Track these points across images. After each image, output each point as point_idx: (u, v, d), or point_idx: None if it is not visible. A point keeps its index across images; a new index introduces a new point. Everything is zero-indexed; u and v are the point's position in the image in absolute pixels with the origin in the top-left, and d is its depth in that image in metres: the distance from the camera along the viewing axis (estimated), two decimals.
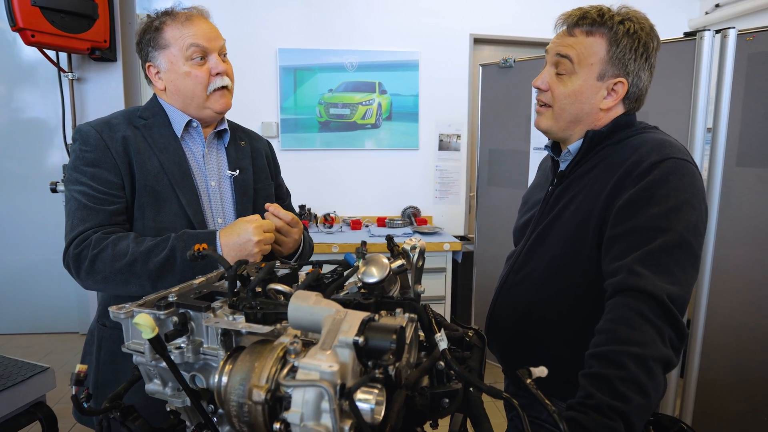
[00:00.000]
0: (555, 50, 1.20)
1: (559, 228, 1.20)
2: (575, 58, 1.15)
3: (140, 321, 0.63)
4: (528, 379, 0.64)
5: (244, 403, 0.58)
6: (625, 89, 1.16)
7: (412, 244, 0.87)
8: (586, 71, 1.15)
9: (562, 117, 1.20)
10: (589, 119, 1.19)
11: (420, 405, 0.68)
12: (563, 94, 1.18)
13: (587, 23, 1.15)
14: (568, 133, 1.23)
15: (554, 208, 1.24)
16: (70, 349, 3.90)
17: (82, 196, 1.24)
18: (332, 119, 4.12)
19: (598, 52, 1.14)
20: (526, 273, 1.28)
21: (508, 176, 3.10)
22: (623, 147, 1.14)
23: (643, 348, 0.88)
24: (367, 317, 0.58)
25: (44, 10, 2.14)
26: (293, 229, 1.33)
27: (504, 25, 4.25)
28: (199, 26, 1.33)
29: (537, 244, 1.27)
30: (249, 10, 3.93)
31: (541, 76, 1.23)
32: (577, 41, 1.16)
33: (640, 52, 1.14)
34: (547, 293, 1.22)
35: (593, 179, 1.16)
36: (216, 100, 1.36)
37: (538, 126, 1.27)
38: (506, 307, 1.34)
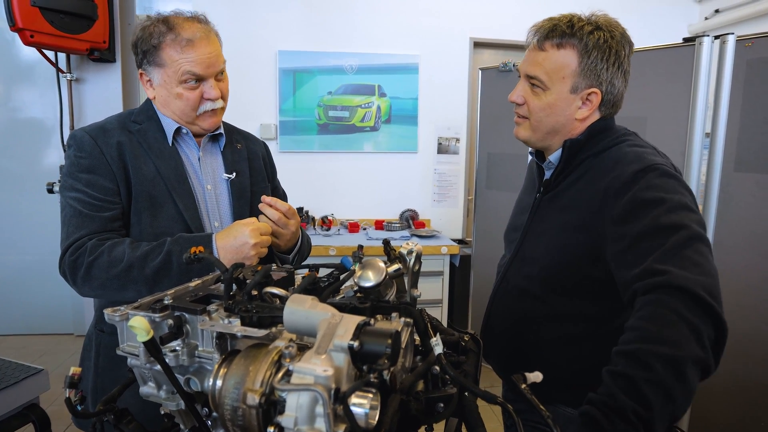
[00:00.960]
0: (524, 71, 1.21)
1: (547, 238, 1.21)
2: (544, 76, 1.16)
3: (135, 324, 0.63)
4: (523, 384, 0.64)
5: (238, 407, 0.58)
6: (599, 98, 1.16)
7: (409, 248, 0.87)
8: (558, 85, 1.16)
9: (539, 128, 1.21)
10: (566, 129, 1.20)
11: (415, 410, 0.67)
12: (538, 108, 1.19)
13: (557, 35, 1.14)
14: (546, 143, 1.24)
15: (543, 218, 1.25)
16: (65, 351, 3.88)
17: (78, 203, 1.23)
18: (331, 122, 4.12)
19: (570, 65, 1.14)
20: (517, 282, 1.29)
21: (507, 180, 3.10)
22: (605, 158, 1.15)
23: (675, 348, 0.81)
24: (362, 321, 0.58)
25: (44, 11, 2.14)
26: (290, 220, 1.32)
27: (504, 28, 4.26)
28: (199, 52, 1.27)
29: (527, 253, 1.27)
30: (249, 11, 3.94)
31: (516, 91, 1.23)
32: (547, 56, 1.16)
33: (611, 60, 1.14)
34: (538, 301, 1.22)
35: (579, 191, 1.16)
36: (204, 120, 1.35)
37: (517, 136, 1.28)
38: (500, 314, 1.34)
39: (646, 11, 4.31)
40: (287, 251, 1.40)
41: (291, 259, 1.43)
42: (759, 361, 2.07)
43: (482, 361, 0.84)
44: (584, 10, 1.21)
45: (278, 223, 1.30)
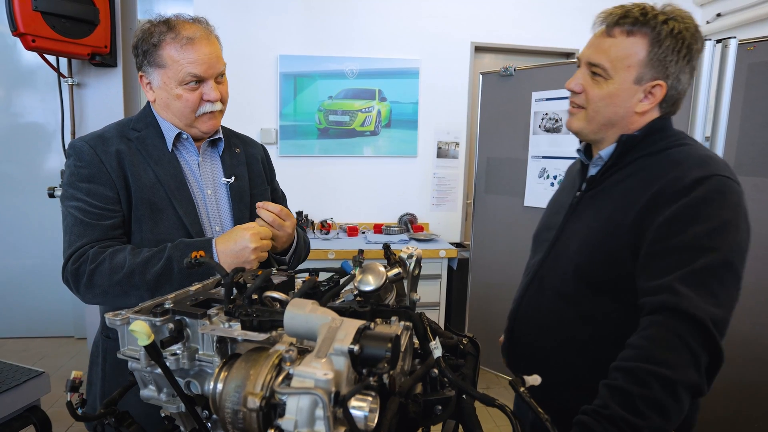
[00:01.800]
0: (586, 58, 1.15)
1: (585, 236, 1.16)
2: (608, 64, 1.11)
3: (136, 328, 0.63)
4: (522, 387, 0.64)
5: (238, 410, 0.59)
6: (663, 92, 1.10)
7: (409, 253, 0.88)
8: (622, 74, 1.10)
9: (596, 119, 1.16)
10: (624, 122, 1.15)
11: (413, 412, 0.68)
12: (598, 97, 1.14)
13: (628, 22, 1.09)
14: (600, 136, 1.19)
15: (582, 215, 1.20)
16: (65, 353, 3.88)
17: (79, 212, 1.24)
18: (331, 126, 4.13)
19: (637, 54, 1.08)
20: (551, 282, 1.23)
21: (506, 184, 3.11)
22: (662, 159, 1.10)
23: (674, 371, 0.85)
24: (362, 325, 0.58)
25: (45, 15, 2.14)
26: (285, 222, 1.32)
27: (505, 33, 4.26)
28: (199, 51, 1.27)
29: (561, 251, 1.22)
30: (250, 16, 3.95)
31: (575, 78, 1.18)
32: (614, 43, 1.10)
33: (683, 53, 1.08)
34: (573, 304, 1.17)
35: (627, 190, 1.11)
36: (204, 122, 1.35)
37: (569, 127, 1.23)
38: (530, 316, 1.28)
39: None
40: (283, 252, 1.41)
41: (287, 260, 1.43)
42: (753, 362, 2.08)
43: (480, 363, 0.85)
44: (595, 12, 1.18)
45: (273, 224, 1.30)
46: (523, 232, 3.01)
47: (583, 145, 1.29)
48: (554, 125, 2.83)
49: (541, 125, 2.90)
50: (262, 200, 1.44)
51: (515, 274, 3.05)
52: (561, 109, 2.80)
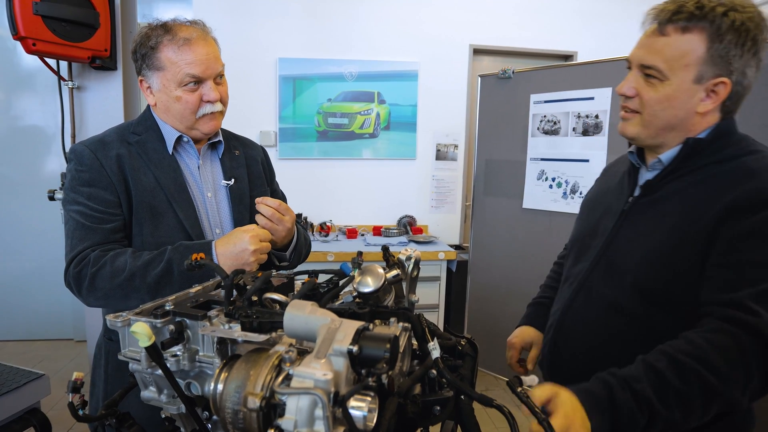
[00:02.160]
0: (638, 60, 1.07)
1: (647, 246, 1.08)
2: (663, 65, 1.02)
3: (137, 329, 0.64)
4: (519, 387, 0.65)
5: (239, 410, 0.59)
6: (727, 90, 1.02)
7: (408, 255, 0.88)
8: (679, 74, 1.02)
9: (653, 124, 1.08)
10: (684, 124, 1.06)
11: (411, 412, 0.69)
12: (654, 100, 1.05)
13: (683, 18, 1.00)
14: (659, 141, 1.10)
15: (637, 222, 1.12)
16: (65, 356, 3.88)
17: (80, 216, 1.25)
18: (330, 129, 4.14)
19: (695, 51, 1.00)
20: (602, 292, 1.15)
21: (505, 187, 3.12)
22: (735, 168, 1.01)
23: (723, 384, 0.83)
24: (361, 326, 0.59)
25: (46, 19, 2.15)
26: (284, 216, 1.33)
27: (503, 35, 4.28)
28: (197, 52, 1.28)
29: (615, 260, 1.14)
30: (249, 19, 3.96)
31: (627, 82, 1.10)
32: (668, 42, 1.02)
33: (747, 46, 0.99)
34: (632, 317, 1.09)
35: (695, 198, 1.03)
36: (205, 123, 1.35)
37: (623, 133, 1.14)
38: (577, 329, 1.20)
39: (639, 20, 4.33)
40: (283, 248, 1.41)
41: (288, 256, 1.44)
42: None
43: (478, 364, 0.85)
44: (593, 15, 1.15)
45: (272, 219, 1.31)
46: (523, 234, 3.03)
47: (636, 147, 1.20)
48: (552, 127, 2.85)
49: (540, 127, 2.91)
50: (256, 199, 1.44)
51: (514, 276, 3.09)
52: (559, 111, 2.81)
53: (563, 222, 2.82)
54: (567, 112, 2.78)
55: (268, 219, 1.31)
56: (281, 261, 1.45)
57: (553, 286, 1.46)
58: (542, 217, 2.93)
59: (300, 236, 1.48)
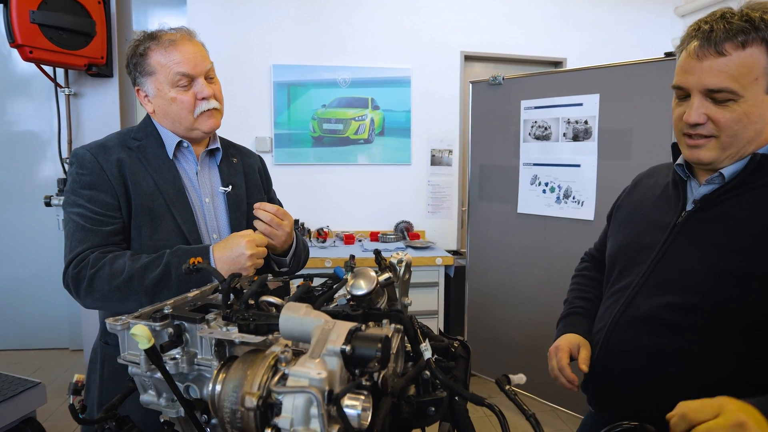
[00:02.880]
0: (702, 85, 1.02)
1: (702, 262, 1.05)
2: (735, 84, 0.99)
3: (137, 332, 0.65)
4: (507, 386, 0.67)
5: (237, 410, 0.61)
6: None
7: (399, 258, 0.90)
8: (753, 89, 0.99)
9: (734, 144, 1.03)
10: (761, 138, 1.04)
11: (406, 413, 0.70)
12: (732, 121, 1.02)
13: (738, 33, 0.98)
14: (737, 157, 1.06)
15: (691, 238, 1.09)
16: (60, 365, 3.86)
17: (80, 218, 1.27)
18: (325, 134, 4.17)
19: (760, 62, 0.98)
20: (652, 311, 1.10)
21: (499, 192, 3.15)
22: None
23: None
24: (354, 327, 0.61)
25: (43, 27, 2.17)
26: (283, 221, 1.35)
27: (494, 42, 4.33)
28: (183, 51, 1.33)
29: (667, 277, 1.10)
30: (244, 26, 3.99)
31: (693, 110, 1.04)
32: (731, 60, 0.99)
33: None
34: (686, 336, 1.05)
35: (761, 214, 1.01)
36: (204, 121, 1.38)
37: (697, 160, 1.09)
38: (625, 349, 1.14)
39: (630, 26, 4.40)
40: (283, 254, 1.43)
41: (288, 261, 1.45)
42: None
43: (471, 366, 0.87)
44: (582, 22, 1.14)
45: (271, 224, 1.32)
46: (518, 239, 3.05)
47: (683, 158, 1.15)
48: (543, 133, 2.88)
49: (531, 133, 2.94)
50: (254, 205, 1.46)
51: (511, 281, 3.11)
52: (549, 117, 2.85)
53: (557, 226, 2.85)
54: (557, 118, 2.81)
55: (267, 224, 1.32)
56: (281, 267, 1.46)
57: (585, 296, 1.41)
58: (537, 221, 2.95)
59: (299, 242, 1.50)
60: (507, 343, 3.12)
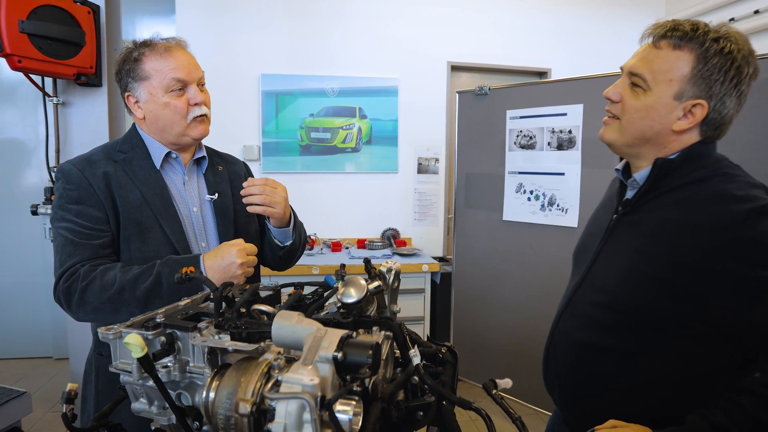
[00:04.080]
0: (628, 67, 1.11)
1: (623, 266, 1.11)
2: (649, 75, 1.06)
3: (130, 340, 0.66)
4: (494, 390, 0.69)
5: (230, 416, 0.62)
6: (703, 113, 1.04)
7: (388, 266, 0.92)
8: (661, 87, 1.05)
9: (629, 132, 1.10)
10: (659, 140, 1.09)
11: (395, 417, 0.72)
12: (634, 108, 1.08)
13: (677, 35, 1.04)
14: (634, 150, 1.13)
15: (619, 241, 1.15)
16: (44, 374, 3.81)
17: (69, 233, 1.27)
18: (313, 143, 4.18)
19: (681, 68, 1.03)
20: (584, 309, 1.18)
21: (485, 199, 3.18)
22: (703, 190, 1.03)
23: None
24: (345, 334, 0.62)
25: (32, 37, 2.17)
26: (276, 188, 1.39)
27: (480, 52, 4.39)
28: (178, 58, 1.36)
29: (597, 278, 1.17)
30: (232, 35, 4.00)
31: (614, 87, 1.13)
32: (659, 54, 1.05)
33: (730, 75, 1.01)
34: (607, 333, 1.12)
35: (669, 221, 1.05)
36: (194, 128, 1.40)
37: (602, 138, 1.17)
38: (563, 341, 1.23)
39: (613, 37, 4.48)
40: (286, 224, 1.47)
41: (290, 232, 1.49)
42: None
43: (458, 371, 0.89)
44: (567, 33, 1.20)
45: (265, 191, 1.36)
46: (503, 246, 3.09)
47: (623, 163, 1.22)
48: (528, 142, 2.93)
49: (516, 142, 2.99)
50: (246, 215, 1.48)
51: (497, 287, 3.14)
52: (534, 126, 2.90)
53: (542, 233, 2.89)
54: (542, 128, 2.86)
55: (261, 195, 1.35)
56: (285, 242, 1.50)
57: None
58: (522, 228, 2.99)
59: (296, 219, 1.54)
60: (492, 348, 3.14)
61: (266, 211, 1.38)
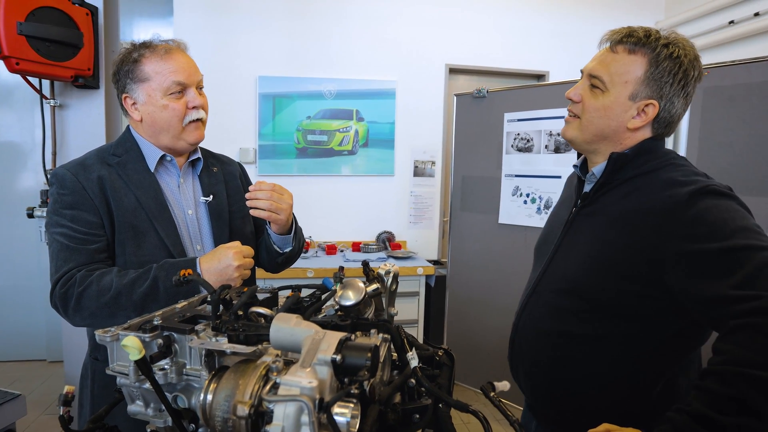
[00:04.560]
0: (588, 70, 1.21)
1: (582, 253, 1.19)
2: (607, 77, 1.16)
3: (128, 343, 0.66)
4: (492, 393, 0.69)
5: (228, 418, 0.62)
6: (655, 112, 1.15)
7: (387, 269, 0.92)
8: (618, 89, 1.15)
9: (588, 129, 1.20)
10: (615, 137, 1.19)
11: (392, 420, 0.72)
12: (593, 107, 1.18)
13: (632, 41, 1.14)
14: (592, 147, 1.23)
15: (577, 232, 1.23)
16: (38, 377, 3.78)
17: (64, 238, 1.27)
18: (310, 146, 4.18)
19: (635, 71, 1.14)
20: (547, 297, 1.26)
21: (481, 202, 3.19)
22: (653, 180, 1.12)
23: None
24: (344, 337, 0.63)
25: (30, 39, 2.16)
26: (283, 195, 1.39)
27: (479, 55, 4.39)
28: (178, 61, 1.35)
29: (558, 267, 1.25)
30: (230, 37, 4.00)
31: (575, 88, 1.23)
32: (616, 58, 1.16)
33: (678, 77, 1.13)
34: (569, 318, 1.19)
35: (624, 209, 1.13)
36: (191, 132, 1.39)
37: (563, 135, 1.27)
38: (528, 329, 1.30)
39: None
40: (288, 231, 1.47)
41: (291, 239, 1.49)
42: None
43: (455, 375, 0.89)
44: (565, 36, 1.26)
45: (273, 197, 1.36)
46: (499, 248, 3.10)
47: (581, 160, 1.32)
48: (526, 145, 2.94)
49: (514, 145, 3.00)
50: (241, 216, 1.47)
51: (492, 290, 3.14)
52: (532, 129, 2.91)
53: (537, 237, 2.89)
54: (539, 131, 2.87)
55: (268, 201, 1.35)
56: (284, 248, 1.50)
57: None
58: (518, 232, 3.00)
59: (296, 222, 1.54)
60: (487, 351, 3.14)
61: (271, 217, 1.38)
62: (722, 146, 2.18)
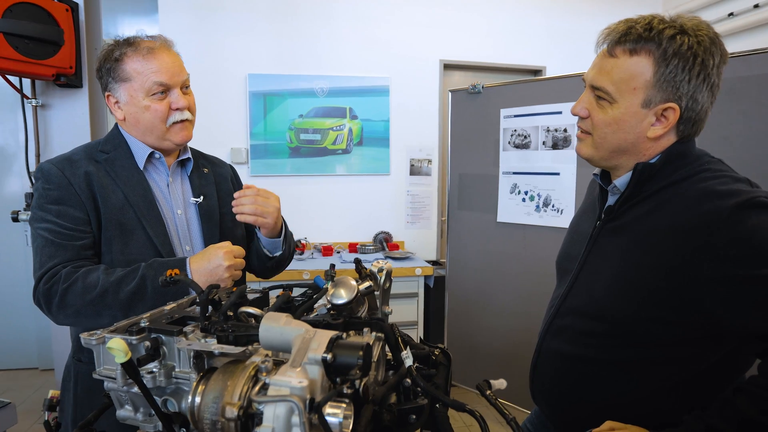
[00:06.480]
0: (589, 80, 1.06)
1: (609, 275, 1.06)
2: (611, 87, 1.01)
3: (114, 345, 0.64)
4: (488, 391, 0.67)
5: (217, 421, 0.60)
6: (677, 115, 0.99)
7: (379, 267, 0.90)
8: (627, 98, 1.00)
9: (603, 146, 1.06)
10: (636, 149, 1.04)
11: (387, 421, 0.70)
12: (603, 122, 1.04)
13: (631, 40, 0.98)
14: (613, 163, 1.09)
15: (603, 249, 1.11)
16: (29, 386, 3.74)
17: (49, 233, 1.24)
18: (303, 145, 4.15)
19: (643, 74, 0.98)
20: (572, 319, 1.14)
21: (479, 201, 3.16)
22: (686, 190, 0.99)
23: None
24: (335, 335, 0.61)
25: (8, 36, 2.12)
26: (269, 198, 1.37)
27: (473, 51, 4.36)
28: (162, 60, 1.31)
29: (583, 288, 1.13)
30: (218, 35, 3.95)
31: (580, 102, 1.09)
32: (617, 63, 1.00)
33: (696, 71, 0.96)
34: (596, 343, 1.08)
35: (654, 225, 1.01)
36: (176, 133, 1.36)
37: (578, 153, 1.13)
38: (551, 353, 1.19)
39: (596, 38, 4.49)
40: (277, 234, 1.46)
41: (281, 243, 1.48)
42: None
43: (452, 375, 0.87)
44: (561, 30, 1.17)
45: (258, 201, 1.34)
46: (498, 248, 3.07)
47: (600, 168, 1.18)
48: (523, 141, 2.92)
49: (511, 141, 2.97)
50: (232, 218, 1.45)
51: (491, 290, 3.12)
52: (529, 125, 2.88)
53: (537, 235, 2.87)
54: (536, 126, 2.85)
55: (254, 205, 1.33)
56: (274, 252, 1.48)
57: None
58: (517, 230, 2.97)
59: (286, 225, 1.52)
60: (487, 352, 3.12)
61: (257, 221, 1.36)
62: (721, 140, 2.17)
